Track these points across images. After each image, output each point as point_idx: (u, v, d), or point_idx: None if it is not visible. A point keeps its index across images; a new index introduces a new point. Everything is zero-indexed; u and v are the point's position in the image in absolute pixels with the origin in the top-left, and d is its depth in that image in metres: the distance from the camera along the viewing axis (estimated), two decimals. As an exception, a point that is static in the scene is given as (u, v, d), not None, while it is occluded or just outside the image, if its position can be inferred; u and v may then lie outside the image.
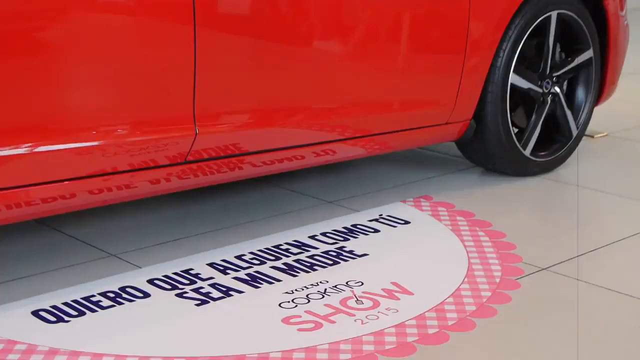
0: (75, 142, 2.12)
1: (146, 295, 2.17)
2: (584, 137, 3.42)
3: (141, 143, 2.22)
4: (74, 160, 2.13)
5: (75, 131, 2.12)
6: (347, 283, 2.25)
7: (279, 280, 2.27)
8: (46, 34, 2.04)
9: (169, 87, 2.25)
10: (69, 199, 2.17)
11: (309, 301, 2.15)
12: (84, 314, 2.06)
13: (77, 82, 2.11)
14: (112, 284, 2.22)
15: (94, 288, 2.20)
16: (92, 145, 2.15)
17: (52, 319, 2.04)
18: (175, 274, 2.29)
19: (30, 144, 2.05)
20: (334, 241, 2.54)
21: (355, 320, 2.05)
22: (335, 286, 2.23)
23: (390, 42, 2.68)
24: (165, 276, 2.28)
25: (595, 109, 3.40)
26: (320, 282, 2.26)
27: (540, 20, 3.04)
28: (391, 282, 2.26)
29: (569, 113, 3.23)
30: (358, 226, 2.66)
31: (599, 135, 3.83)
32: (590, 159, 3.47)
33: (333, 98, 2.61)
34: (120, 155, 2.20)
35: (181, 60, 2.23)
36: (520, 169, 3.17)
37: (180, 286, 2.22)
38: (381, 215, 2.76)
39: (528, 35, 3.01)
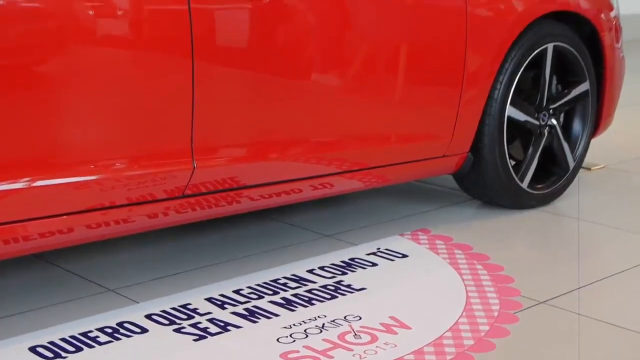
0: (74, 176, 2.12)
1: (144, 330, 2.16)
2: (581, 169, 3.43)
3: (139, 177, 2.22)
4: (72, 195, 2.13)
5: (74, 165, 2.12)
6: (345, 317, 2.24)
7: (277, 315, 2.26)
8: (44, 68, 2.05)
9: (167, 121, 2.26)
10: (66, 233, 2.17)
11: (307, 336, 2.14)
12: (81, 349, 2.05)
13: (75, 116, 2.11)
14: (110, 320, 2.21)
15: (91, 324, 2.19)
16: (90, 180, 2.15)
17: (50, 355, 2.03)
18: (173, 309, 2.28)
19: (29, 179, 2.05)
20: (332, 275, 2.53)
21: (353, 355, 2.04)
22: (333, 321, 2.22)
23: (387, 75, 2.69)
24: (163, 311, 2.27)
25: (592, 141, 3.41)
26: (319, 316, 2.25)
27: (537, 53, 3.05)
28: (389, 317, 2.25)
29: (565, 145, 3.24)
30: (356, 260, 2.66)
31: (596, 167, 3.83)
32: (588, 191, 3.47)
33: (331, 131, 2.62)
34: (118, 189, 2.20)
35: (179, 94, 2.24)
36: (518, 201, 3.17)
37: (178, 321, 2.21)
38: (379, 248, 2.76)
39: (525, 67, 3.02)
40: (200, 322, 2.21)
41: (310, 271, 2.56)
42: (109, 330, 2.15)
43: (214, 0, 2.25)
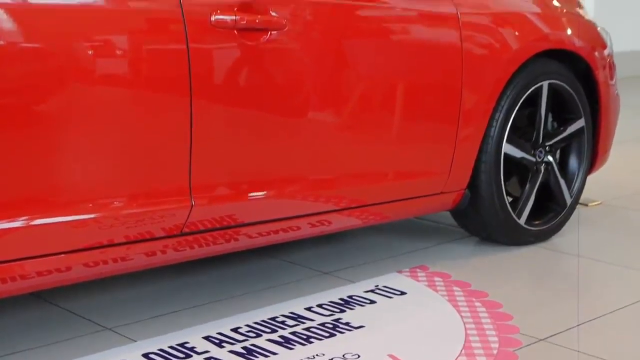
0: (72, 214, 2.12)
1: (141, 369, 2.16)
2: (578, 206, 3.44)
3: (137, 215, 2.22)
4: (70, 233, 2.13)
5: (72, 204, 2.12)
6: (343, 356, 2.23)
7: (275, 354, 2.25)
8: (43, 107, 2.06)
9: (166, 159, 2.26)
10: (65, 272, 2.16)
11: (305, 374, 2.13)
12: (78, 389, 2.04)
13: (74, 155, 2.12)
14: (107, 359, 2.20)
15: (88, 363, 2.18)
16: (89, 218, 2.15)
17: (46, 394, 2.01)
18: (171, 347, 2.27)
19: (27, 217, 2.05)
20: (330, 313, 2.53)
21: (352, 394, 2.03)
22: (331, 359, 2.21)
23: (384, 113, 2.71)
24: (161, 350, 2.26)
25: (589, 177, 3.42)
26: (317, 354, 2.24)
27: (532, 90, 3.07)
28: (388, 355, 2.24)
29: (562, 182, 3.25)
30: (354, 297, 2.65)
31: (593, 203, 3.84)
32: (585, 228, 3.47)
33: (328, 169, 2.63)
34: (117, 227, 2.20)
35: (177, 132, 2.25)
36: (516, 238, 3.18)
37: (175, 360, 2.21)
38: (377, 286, 2.75)
39: (520, 105, 3.05)
40: (198, 361, 2.20)
41: (309, 309, 2.55)
42: (107, 370, 2.14)
43: (212, 40, 2.26)
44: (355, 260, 3.02)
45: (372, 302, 2.62)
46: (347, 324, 2.45)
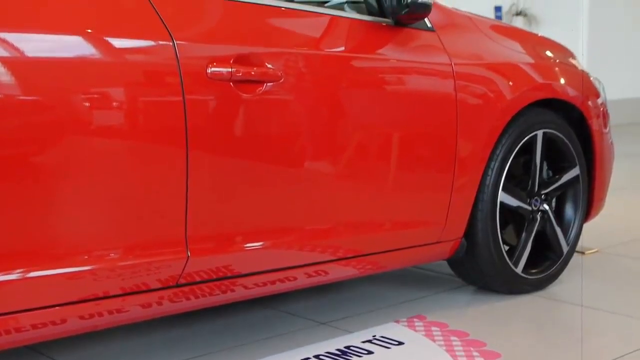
0: (68, 267, 2.11)
1: (137, 423, 2.13)
2: (575, 254, 3.43)
3: (133, 267, 2.21)
4: (65, 285, 2.12)
5: (67, 256, 2.11)
6: (341, 407, 2.21)
7: (272, 406, 2.23)
8: (40, 159, 2.06)
9: (161, 210, 2.26)
10: (59, 324, 2.15)
11: None
12: None
13: (70, 207, 2.11)
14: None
15: (83, 417, 2.16)
16: (84, 270, 2.14)
17: None
18: (167, 400, 2.25)
19: (22, 270, 2.04)
20: (328, 364, 2.51)
21: None
22: (329, 411, 2.19)
23: (379, 163, 2.72)
24: (156, 403, 2.24)
25: (585, 225, 3.43)
26: (314, 406, 2.22)
27: (527, 139, 3.09)
28: (386, 406, 2.22)
29: (558, 230, 3.25)
30: (351, 348, 2.63)
31: (590, 251, 3.84)
32: (583, 276, 3.46)
33: (325, 219, 2.63)
34: (112, 279, 2.19)
35: (173, 184, 2.25)
36: (513, 286, 3.17)
37: (171, 413, 2.18)
38: (374, 336, 2.73)
39: (515, 153, 3.06)
40: (194, 414, 2.17)
41: (306, 360, 2.54)
42: None
43: (208, 92, 2.27)
44: (352, 310, 3.01)
45: (370, 352, 2.60)
46: (344, 375, 2.43)
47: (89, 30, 2.11)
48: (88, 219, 2.15)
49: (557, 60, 3.39)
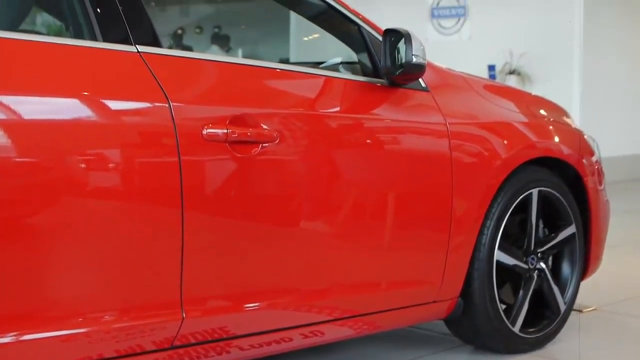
0: (62, 329, 2.09)
1: None
2: (573, 312, 3.41)
3: (128, 329, 2.20)
4: (59, 348, 2.10)
5: (62, 319, 2.10)
6: None
7: None
8: (35, 220, 2.06)
9: (156, 271, 2.25)
10: (52, 387, 2.13)
11: None
12: None
13: (65, 268, 2.11)
14: None
15: None
16: (79, 332, 2.12)
17: None
18: None
19: (16, 333, 2.02)
20: None
21: None
22: None
23: (375, 222, 2.71)
24: None
25: (583, 282, 3.41)
26: None
27: (522, 198, 3.10)
28: None
29: (555, 288, 3.24)
30: (348, 410, 2.61)
31: (587, 309, 3.82)
32: (581, 335, 3.44)
33: (321, 279, 2.62)
34: (107, 341, 2.17)
35: (168, 245, 2.25)
36: (510, 346, 3.14)
37: None
38: (372, 397, 2.71)
39: (511, 212, 3.06)
40: None
41: (302, 423, 2.50)
42: None
43: (204, 153, 2.28)
44: (349, 371, 2.98)
45: (367, 414, 2.57)
46: None
47: (86, 93, 2.13)
48: (82, 280, 2.14)
49: (551, 119, 3.42)
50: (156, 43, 2.33)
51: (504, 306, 3.12)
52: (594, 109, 9.63)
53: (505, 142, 3.07)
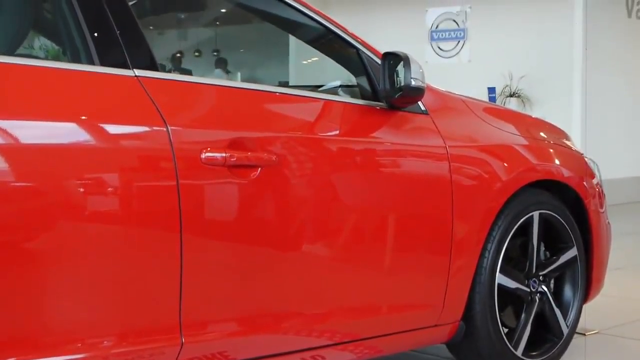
0: (60, 355, 2.08)
1: None
2: (575, 335, 3.39)
3: (126, 354, 2.18)
4: (57, 375, 2.09)
5: (60, 344, 2.08)
6: None
7: None
8: (32, 245, 2.04)
9: (155, 296, 2.24)
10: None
11: None
12: None
13: (63, 294, 2.09)
14: None
15: None
16: (77, 358, 2.10)
17: None
18: None
19: (14, 359, 2.00)
20: None
21: None
22: None
23: (376, 246, 2.70)
24: None
25: (585, 305, 3.39)
26: None
27: (523, 221, 3.08)
28: None
29: (558, 312, 3.22)
30: None
31: (590, 332, 3.79)
32: (585, 358, 3.41)
33: (321, 303, 2.60)
34: (105, 367, 2.15)
35: (167, 269, 2.23)
36: (513, 370, 3.12)
37: None
38: (373, 423, 2.68)
39: (512, 234, 3.05)
40: None
41: None
42: None
43: (203, 177, 2.27)
44: (350, 396, 2.95)
45: None
46: None
47: (84, 117, 2.13)
48: (81, 305, 2.13)
49: (552, 142, 3.41)
50: (154, 67, 2.32)
51: (506, 329, 3.09)
52: (594, 131, 9.63)
53: (506, 164, 3.06)
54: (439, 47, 10.62)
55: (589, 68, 9.63)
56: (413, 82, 2.68)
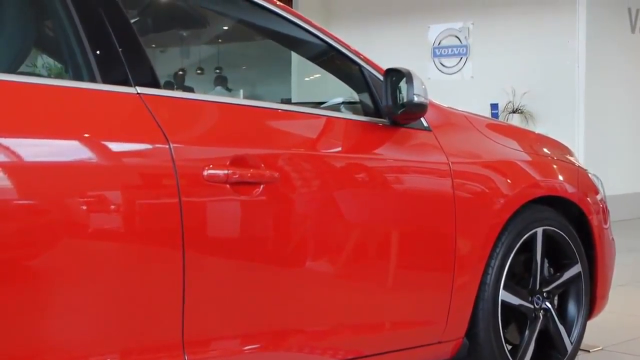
0: (61, 374, 2.07)
1: None
2: (580, 352, 3.37)
3: (129, 373, 2.17)
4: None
5: (62, 363, 2.07)
6: None
7: None
8: (34, 263, 2.03)
9: (157, 314, 2.23)
10: None
11: None
12: None
13: (65, 312, 2.08)
14: None
15: None
16: (78, 378, 2.09)
17: None
18: None
19: (14, 379, 2.00)
20: None
21: None
22: None
23: (379, 263, 2.69)
24: None
25: (589, 322, 3.37)
26: None
27: (527, 237, 3.07)
28: None
29: (561, 328, 3.21)
30: None
31: (594, 349, 3.77)
32: (587, 375, 3.40)
33: (324, 320, 2.59)
34: (107, 386, 2.14)
35: (169, 286, 2.22)
36: (518, 387, 3.10)
37: None
38: None
39: (516, 251, 3.03)
40: None
41: None
42: None
43: (205, 194, 2.27)
44: (353, 414, 2.93)
45: None
46: None
47: (86, 134, 2.12)
48: (82, 323, 2.12)
49: (555, 157, 3.40)
50: (156, 84, 2.32)
51: (509, 346, 3.08)
52: (597, 147, 9.62)
53: (509, 181, 3.05)
54: (441, 64, 10.63)
55: (591, 84, 9.63)
56: (416, 99, 2.68)
